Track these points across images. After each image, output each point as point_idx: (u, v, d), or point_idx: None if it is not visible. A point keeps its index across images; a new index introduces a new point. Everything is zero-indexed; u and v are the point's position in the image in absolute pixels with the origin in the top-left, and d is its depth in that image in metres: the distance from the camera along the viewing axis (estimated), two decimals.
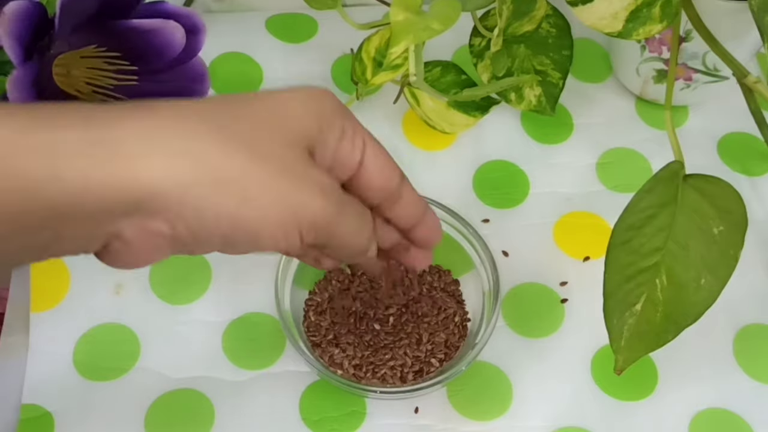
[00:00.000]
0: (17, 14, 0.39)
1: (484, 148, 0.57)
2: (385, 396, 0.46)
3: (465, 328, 0.48)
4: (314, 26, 0.63)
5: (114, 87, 0.47)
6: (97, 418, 0.46)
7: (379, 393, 0.45)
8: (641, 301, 0.42)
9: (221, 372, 0.47)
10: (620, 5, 0.47)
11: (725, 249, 0.42)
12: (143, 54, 0.46)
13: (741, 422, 0.47)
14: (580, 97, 0.59)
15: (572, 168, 0.56)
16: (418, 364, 0.47)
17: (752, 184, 0.56)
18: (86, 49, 0.45)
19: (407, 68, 0.47)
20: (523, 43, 0.55)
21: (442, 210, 0.49)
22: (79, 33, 0.43)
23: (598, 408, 0.47)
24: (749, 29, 0.49)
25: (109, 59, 0.46)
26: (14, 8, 0.39)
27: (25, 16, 0.40)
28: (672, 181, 0.43)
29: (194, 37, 0.47)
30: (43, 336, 0.48)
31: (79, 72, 0.46)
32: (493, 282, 0.47)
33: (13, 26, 0.39)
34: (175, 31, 0.45)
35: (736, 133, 0.58)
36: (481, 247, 0.48)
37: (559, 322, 0.50)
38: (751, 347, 0.49)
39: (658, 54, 0.55)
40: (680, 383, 0.48)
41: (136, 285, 0.50)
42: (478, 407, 0.47)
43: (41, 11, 0.41)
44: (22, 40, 0.40)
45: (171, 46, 0.46)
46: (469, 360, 0.45)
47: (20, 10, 0.39)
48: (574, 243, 0.53)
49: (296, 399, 0.47)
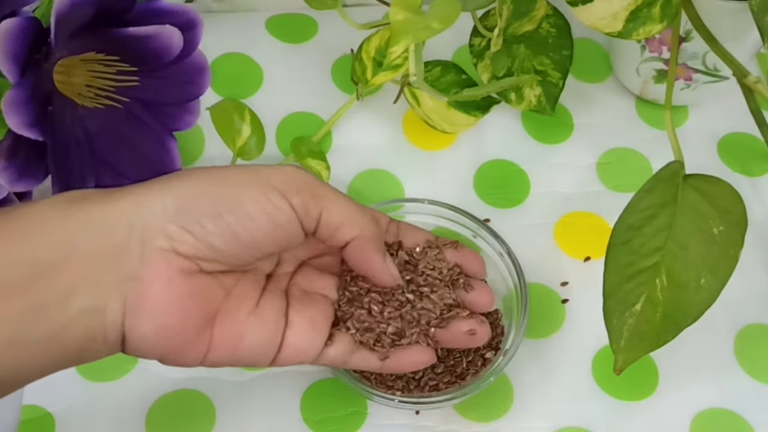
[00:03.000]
0: (11, 33, 0.39)
1: (484, 147, 0.57)
2: (430, 407, 0.46)
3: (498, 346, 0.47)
4: (314, 26, 0.62)
5: (115, 89, 0.47)
6: (99, 419, 0.46)
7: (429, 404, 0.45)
8: (641, 301, 0.42)
9: (222, 372, 0.47)
10: (620, 5, 0.46)
11: (725, 249, 0.42)
12: (142, 58, 0.46)
13: (742, 422, 0.47)
14: (581, 97, 0.59)
15: (572, 168, 0.56)
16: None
17: (752, 184, 0.56)
18: (86, 54, 0.45)
19: (407, 68, 0.47)
20: (523, 43, 0.55)
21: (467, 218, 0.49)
22: (77, 39, 0.43)
23: (599, 408, 0.47)
24: (749, 29, 0.49)
25: (109, 62, 0.46)
26: (8, 26, 0.39)
27: (20, 33, 0.39)
28: (672, 181, 0.43)
29: (192, 32, 0.47)
30: None
31: (80, 75, 0.46)
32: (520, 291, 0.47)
33: (8, 45, 0.39)
34: (172, 34, 0.45)
35: (736, 133, 0.58)
36: (506, 253, 0.48)
37: (560, 322, 0.50)
38: (751, 347, 0.49)
39: (658, 54, 0.55)
40: (681, 383, 0.48)
41: None
42: (479, 408, 0.47)
43: (35, 25, 0.40)
44: (18, 58, 0.40)
45: (169, 49, 0.46)
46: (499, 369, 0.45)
47: (14, 28, 0.39)
48: (575, 243, 0.53)
49: (297, 399, 0.47)
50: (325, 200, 0.38)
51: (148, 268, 0.35)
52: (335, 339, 0.41)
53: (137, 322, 0.35)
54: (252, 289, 0.39)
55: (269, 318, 0.39)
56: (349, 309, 0.42)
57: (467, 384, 0.45)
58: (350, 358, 0.42)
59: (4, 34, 0.39)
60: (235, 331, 0.38)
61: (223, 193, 0.36)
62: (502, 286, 0.48)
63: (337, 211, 0.39)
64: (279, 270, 0.42)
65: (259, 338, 0.39)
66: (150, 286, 0.35)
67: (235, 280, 0.39)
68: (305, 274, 0.42)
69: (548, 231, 0.54)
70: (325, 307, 0.42)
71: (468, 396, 0.44)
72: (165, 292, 0.35)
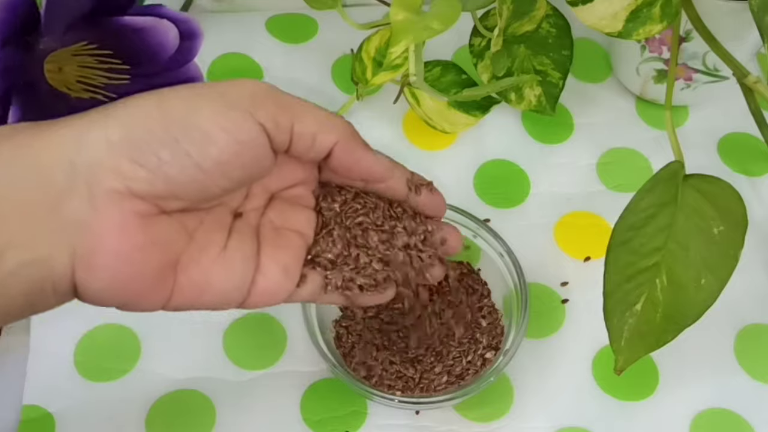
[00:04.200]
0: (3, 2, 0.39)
1: (484, 147, 0.57)
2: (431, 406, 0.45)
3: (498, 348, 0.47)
4: (314, 26, 0.63)
5: (105, 85, 0.47)
6: (98, 419, 0.46)
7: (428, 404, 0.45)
8: (641, 301, 0.42)
9: (222, 372, 0.47)
10: (620, 5, 0.47)
11: (725, 249, 0.42)
12: (136, 52, 0.46)
13: (742, 422, 0.47)
14: (581, 97, 0.59)
15: (573, 168, 0.56)
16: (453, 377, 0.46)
17: (752, 184, 0.56)
18: (78, 45, 0.44)
19: (407, 68, 0.47)
20: (523, 43, 0.55)
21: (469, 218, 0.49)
22: (72, 31, 0.43)
23: (599, 408, 0.47)
24: (749, 29, 0.49)
25: (101, 57, 0.46)
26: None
27: (10, 6, 0.39)
28: (672, 181, 0.43)
29: (190, 41, 0.47)
30: (44, 336, 0.48)
31: (71, 69, 0.46)
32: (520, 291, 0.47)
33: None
34: (168, 30, 0.45)
35: (736, 133, 0.58)
36: (507, 253, 0.48)
37: (560, 322, 0.50)
38: (752, 347, 0.49)
39: (659, 54, 0.55)
40: (681, 383, 0.48)
41: None
42: (479, 408, 0.47)
43: (27, 4, 0.40)
44: (4, 32, 0.39)
45: (164, 45, 0.45)
46: (499, 369, 0.45)
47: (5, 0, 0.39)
48: (575, 243, 0.53)
49: (297, 399, 0.47)
50: (294, 109, 0.34)
51: (99, 215, 0.31)
52: (308, 279, 0.38)
53: (89, 275, 0.31)
54: (217, 230, 0.36)
55: (237, 263, 0.36)
56: (325, 247, 0.40)
57: (467, 384, 0.45)
58: (320, 297, 0.39)
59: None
60: (200, 277, 0.35)
61: (176, 116, 0.32)
62: (502, 286, 0.48)
63: (311, 118, 0.35)
64: (248, 205, 0.38)
65: (226, 284, 0.35)
66: (102, 236, 0.31)
67: (198, 222, 0.35)
68: (277, 209, 0.38)
69: (548, 231, 0.54)
70: (298, 248, 0.38)
71: (468, 396, 0.44)
72: (120, 244, 0.31)
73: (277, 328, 0.49)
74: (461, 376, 0.45)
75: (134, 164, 0.31)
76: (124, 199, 0.31)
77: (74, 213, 0.31)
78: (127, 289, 0.33)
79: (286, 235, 0.38)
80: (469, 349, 0.46)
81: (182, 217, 0.34)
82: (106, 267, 0.31)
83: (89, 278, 0.31)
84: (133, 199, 0.31)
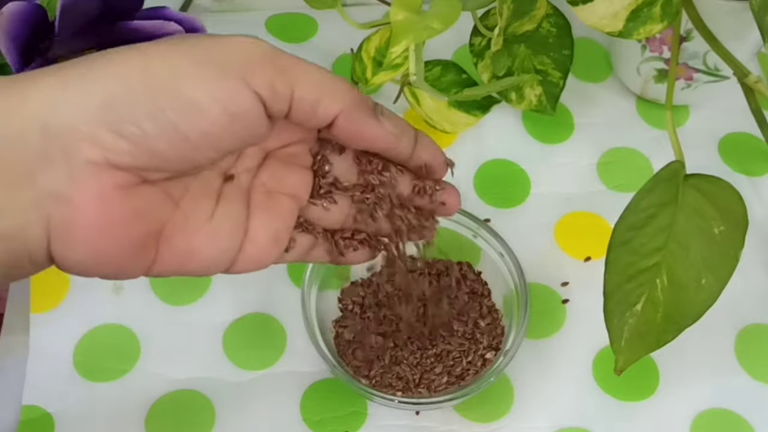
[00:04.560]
0: (16, 15, 0.39)
1: (484, 147, 0.57)
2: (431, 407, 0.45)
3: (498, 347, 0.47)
4: (314, 26, 0.62)
5: None
6: (98, 420, 0.46)
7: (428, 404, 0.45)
8: (642, 302, 0.42)
9: (222, 373, 0.47)
10: (621, 5, 0.46)
11: (726, 249, 0.42)
12: None
13: (743, 422, 0.47)
14: (581, 96, 0.59)
15: (573, 167, 0.56)
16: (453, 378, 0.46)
17: (752, 184, 0.56)
18: (87, 51, 0.44)
19: (407, 68, 0.47)
20: (524, 43, 0.55)
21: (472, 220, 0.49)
22: (81, 36, 0.43)
23: (599, 408, 0.47)
24: (750, 29, 0.49)
25: None
26: (13, 9, 0.39)
27: (24, 17, 0.39)
28: (673, 181, 0.43)
29: None
30: (43, 336, 0.48)
31: None
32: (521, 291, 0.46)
33: (11, 27, 0.39)
34: (175, 31, 0.45)
35: (736, 132, 0.58)
36: (507, 254, 0.48)
37: (561, 322, 0.50)
38: (752, 347, 0.49)
39: (659, 53, 0.55)
40: (682, 383, 0.48)
41: (137, 285, 0.50)
42: (479, 408, 0.47)
43: (41, 13, 0.40)
44: (20, 42, 0.39)
45: None
46: (500, 369, 0.44)
47: (19, 11, 0.39)
48: (575, 243, 0.53)
49: (297, 399, 0.47)
50: (295, 72, 0.31)
51: (77, 186, 0.29)
52: (296, 242, 0.37)
53: (67, 248, 0.29)
54: (205, 197, 0.33)
55: (224, 232, 0.34)
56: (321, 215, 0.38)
57: (467, 384, 0.45)
58: (306, 257, 0.38)
59: (10, 14, 0.38)
60: (186, 246, 0.33)
61: (162, 82, 0.29)
62: (502, 286, 0.48)
63: (313, 84, 0.32)
64: (240, 166, 0.35)
65: (212, 252, 0.33)
66: (80, 209, 0.29)
67: (184, 189, 0.33)
68: (271, 169, 0.36)
69: (548, 231, 0.54)
70: (290, 213, 0.36)
71: (468, 396, 0.44)
72: (99, 217, 0.29)
73: (277, 328, 0.49)
74: (461, 376, 0.45)
75: (115, 135, 0.29)
76: (103, 171, 0.29)
77: (50, 183, 0.28)
78: (108, 261, 0.31)
79: (279, 199, 0.36)
80: (469, 349, 0.46)
81: (167, 185, 0.32)
82: (84, 240, 0.29)
83: (66, 251, 0.30)
84: (113, 170, 0.29)
